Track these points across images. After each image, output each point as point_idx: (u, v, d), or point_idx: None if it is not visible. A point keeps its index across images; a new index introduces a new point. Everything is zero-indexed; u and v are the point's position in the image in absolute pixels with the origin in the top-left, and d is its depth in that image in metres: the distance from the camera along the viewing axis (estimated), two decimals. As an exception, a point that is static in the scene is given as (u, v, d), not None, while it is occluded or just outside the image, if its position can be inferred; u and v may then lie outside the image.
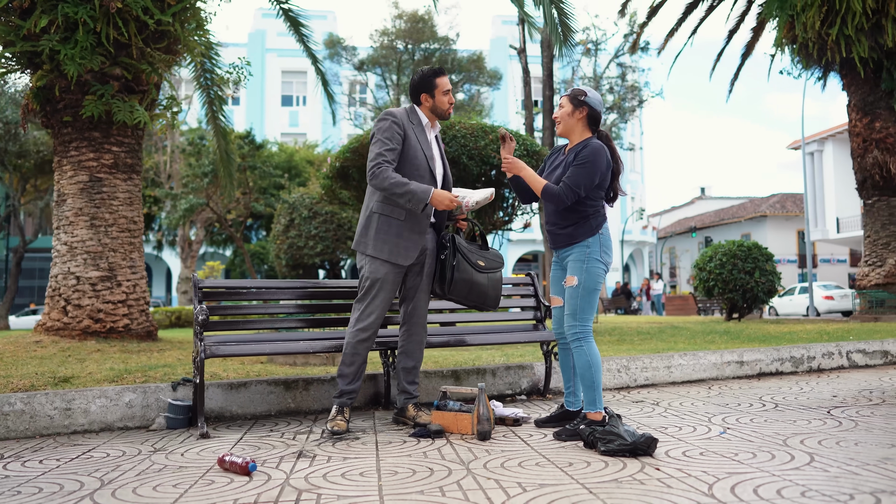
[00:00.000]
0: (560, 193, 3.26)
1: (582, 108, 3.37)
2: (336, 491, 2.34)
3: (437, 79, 3.52)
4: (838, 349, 5.86)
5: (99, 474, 2.70)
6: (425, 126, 3.56)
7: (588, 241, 3.32)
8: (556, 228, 3.43)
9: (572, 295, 3.29)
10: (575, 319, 3.27)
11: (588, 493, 2.23)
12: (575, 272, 3.30)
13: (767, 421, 3.48)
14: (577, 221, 3.34)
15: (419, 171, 3.42)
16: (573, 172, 3.26)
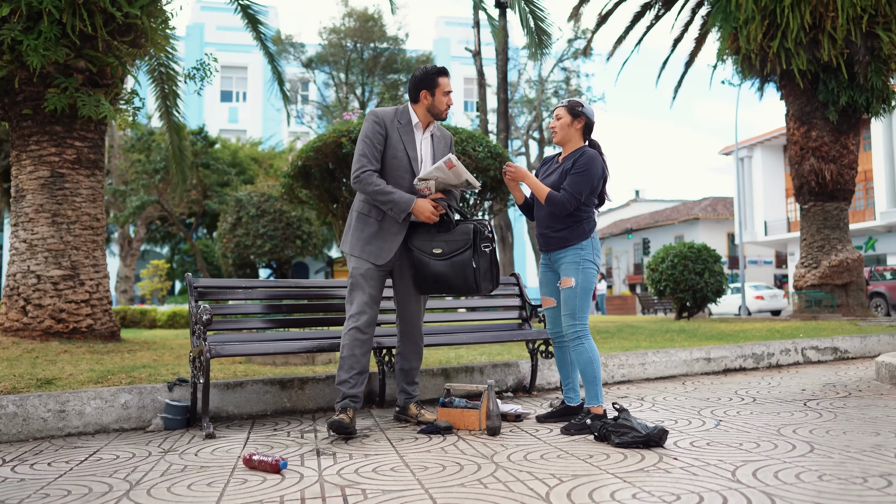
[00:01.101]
0: (563, 200, 3.40)
1: (580, 118, 3.52)
2: (377, 485, 2.39)
3: (441, 78, 3.51)
4: (794, 346, 6.21)
5: (121, 475, 2.66)
6: (414, 126, 3.51)
7: (581, 244, 3.46)
8: (549, 232, 3.54)
9: (570, 296, 3.42)
10: (574, 319, 3.40)
11: (622, 482, 2.34)
12: (571, 274, 3.43)
13: (753, 413, 3.69)
14: (571, 225, 3.47)
15: (400, 171, 3.41)
16: (573, 180, 3.40)
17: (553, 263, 3.58)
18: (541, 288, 3.71)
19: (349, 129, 9.00)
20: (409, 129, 3.50)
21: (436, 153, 3.58)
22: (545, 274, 3.66)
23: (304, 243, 18.65)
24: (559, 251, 3.50)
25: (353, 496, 2.26)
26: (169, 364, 5.05)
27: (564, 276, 3.45)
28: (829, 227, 12.42)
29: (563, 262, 3.47)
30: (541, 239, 3.62)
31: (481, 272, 3.35)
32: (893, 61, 11.68)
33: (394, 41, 22.61)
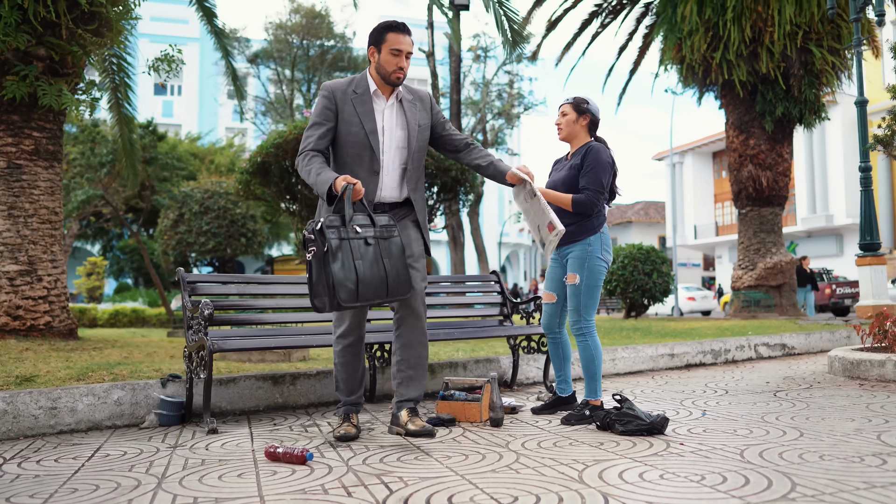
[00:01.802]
0: (588, 200, 3.46)
1: (585, 115, 3.61)
2: (411, 473, 2.45)
3: (390, 33, 3.05)
4: (748, 342, 6.56)
5: (141, 470, 2.64)
6: (373, 93, 3.12)
7: (590, 239, 3.51)
8: None
9: (574, 292, 3.52)
10: (578, 315, 3.52)
11: (643, 465, 2.48)
12: (576, 270, 3.51)
13: (731, 404, 3.92)
14: (579, 220, 3.51)
15: (355, 148, 3.07)
16: (590, 176, 3.46)
17: (562, 258, 3.62)
18: (546, 282, 3.78)
19: (311, 127, 8.95)
20: (365, 99, 3.10)
21: (409, 122, 3.17)
22: (553, 269, 3.70)
23: (249, 241, 18.30)
24: (568, 246, 3.53)
25: (393, 483, 2.33)
26: (144, 361, 4.95)
27: (570, 271, 3.51)
28: (764, 231, 13.06)
29: (571, 258, 3.52)
30: None
31: (309, 285, 2.84)
32: (825, 75, 12.39)
33: (341, 39, 22.48)
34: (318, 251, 2.77)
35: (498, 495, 2.14)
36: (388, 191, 3.16)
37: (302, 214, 9.96)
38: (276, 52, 21.93)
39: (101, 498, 2.25)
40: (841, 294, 21.89)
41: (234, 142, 28.48)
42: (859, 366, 4.83)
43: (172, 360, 5.10)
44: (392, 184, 3.17)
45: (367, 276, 2.79)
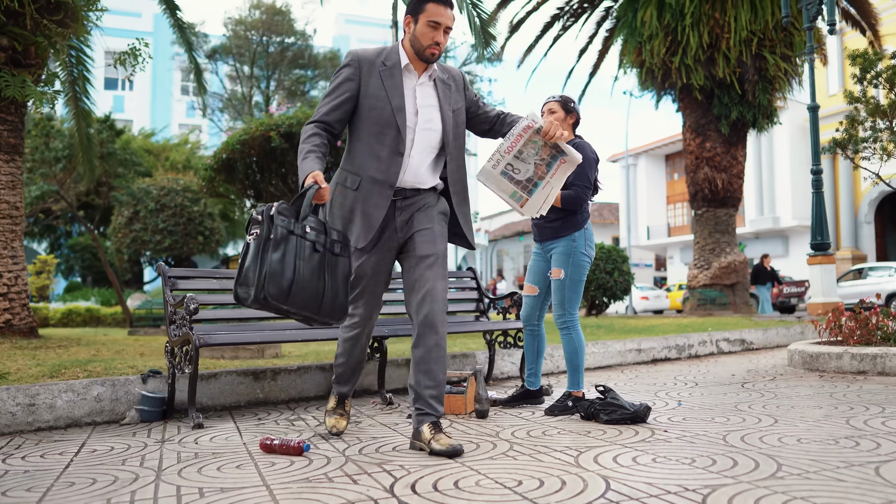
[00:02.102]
0: (577, 196, 3.54)
1: (572, 114, 3.68)
2: (412, 462, 2.49)
3: (429, 3, 2.74)
4: (710, 338, 6.77)
5: (135, 464, 2.62)
6: (404, 67, 2.81)
7: (574, 235, 3.59)
8: (543, 222, 3.66)
9: (559, 287, 3.61)
10: (563, 309, 3.60)
11: (634, 450, 2.58)
12: (561, 265, 3.60)
13: (703, 395, 4.06)
14: (565, 216, 3.60)
15: (378, 125, 2.76)
16: (578, 172, 3.53)
17: (545, 253, 3.71)
18: (528, 275, 3.85)
19: (278, 123, 8.90)
20: (395, 73, 2.79)
21: (443, 104, 2.85)
22: (536, 262, 3.79)
23: (207, 239, 18.02)
24: (552, 241, 3.62)
25: (395, 470, 2.37)
26: (115, 359, 4.86)
27: (555, 266, 3.59)
28: (719, 232, 13.46)
29: (555, 253, 3.60)
30: (535, 229, 3.74)
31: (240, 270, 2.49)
32: (777, 81, 12.83)
33: (302, 36, 22.28)
34: (260, 235, 2.47)
35: (502, 479, 2.20)
36: (412, 175, 2.82)
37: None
38: (235, 48, 21.63)
39: (102, 491, 2.24)
40: (788, 293, 22.65)
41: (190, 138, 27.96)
42: (818, 358, 5.05)
43: (144, 358, 5.02)
44: (418, 168, 2.83)
45: (304, 280, 2.48)
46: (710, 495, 1.95)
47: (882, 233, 30.17)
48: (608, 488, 2.06)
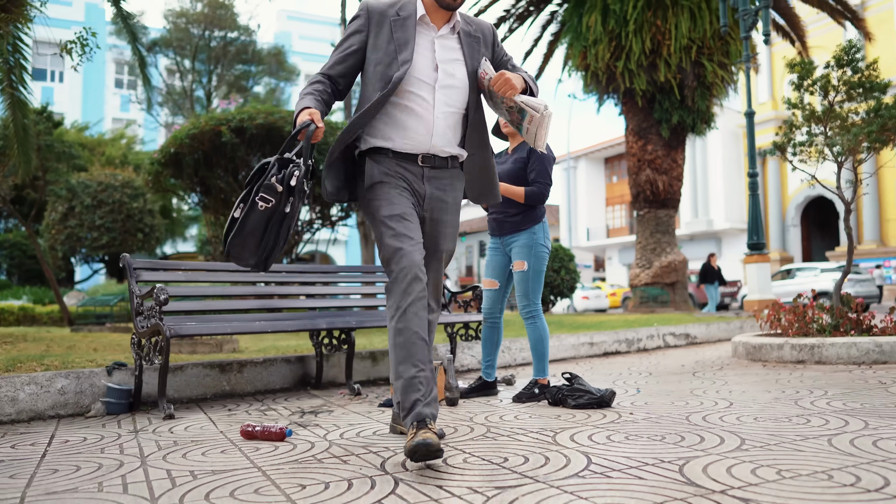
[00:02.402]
0: (540, 192, 3.68)
1: None
2: (396, 443, 2.56)
3: None
4: (657, 332, 7.04)
5: (114, 451, 2.61)
6: (419, 19, 2.52)
7: (534, 228, 3.74)
8: (503, 217, 3.78)
9: (523, 278, 3.73)
10: (528, 300, 3.73)
11: (607, 429, 2.71)
12: (524, 257, 3.73)
13: (658, 383, 4.25)
14: (525, 210, 3.74)
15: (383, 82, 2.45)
16: (540, 168, 3.67)
17: (504, 247, 3.83)
18: (486, 269, 3.95)
19: (228, 118, 8.79)
20: (408, 24, 2.50)
21: (468, 59, 2.56)
22: (494, 257, 3.90)
23: (147, 237, 17.55)
24: (512, 235, 3.75)
25: (382, 451, 2.43)
26: (70, 354, 4.75)
27: (517, 259, 3.71)
28: (660, 232, 13.91)
29: (516, 246, 3.73)
30: (493, 223, 3.84)
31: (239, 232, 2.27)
32: (715, 87, 13.35)
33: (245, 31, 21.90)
34: (276, 208, 2.25)
35: (488, 457, 2.30)
36: (438, 139, 2.51)
37: (217, 209, 9.75)
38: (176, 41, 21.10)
39: (90, 476, 2.23)
40: (722, 293, 23.74)
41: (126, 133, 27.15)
42: (761, 349, 5.33)
43: (98, 353, 4.92)
44: (442, 132, 2.52)
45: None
46: (686, 465, 2.09)
47: (808, 236, 31.67)
48: (590, 462, 2.18)
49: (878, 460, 2.06)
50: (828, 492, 1.76)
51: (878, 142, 5.37)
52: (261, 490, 1.98)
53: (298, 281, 4.53)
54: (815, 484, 1.84)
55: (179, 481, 2.11)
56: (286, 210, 2.27)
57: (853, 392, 3.49)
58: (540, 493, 1.84)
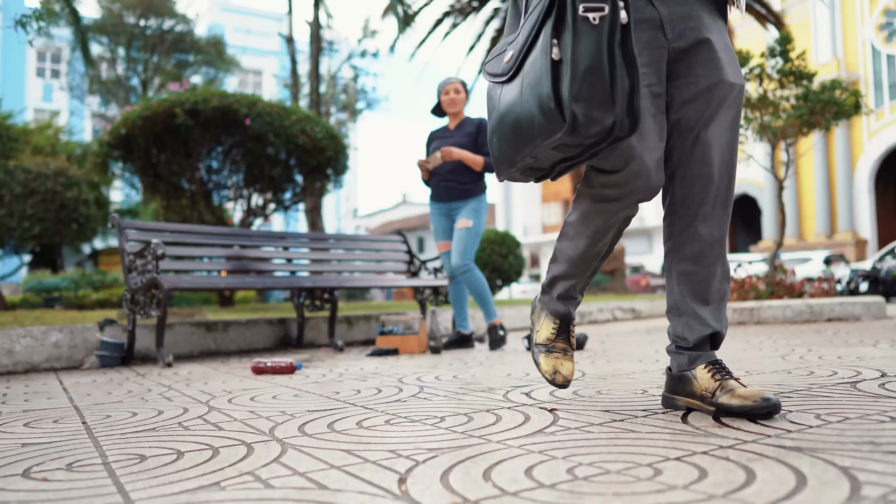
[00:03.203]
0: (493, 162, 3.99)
1: (466, 94, 4.26)
2: (402, 370, 2.80)
3: None
4: (606, 306, 7.46)
5: (134, 385, 2.74)
6: None
7: (481, 196, 4.15)
8: (455, 184, 4.10)
9: (466, 236, 4.01)
10: (464, 258, 3.99)
11: (589, 361, 3.02)
12: (471, 217, 4.05)
13: (619, 340, 4.61)
14: (475, 180, 4.12)
15: None
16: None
17: (451, 212, 4.15)
18: (436, 234, 4.23)
19: (182, 100, 8.76)
20: None
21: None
22: (441, 220, 4.19)
23: (82, 227, 17.02)
24: (461, 201, 4.09)
25: (396, 374, 2.66)
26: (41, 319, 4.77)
27: (464, 217, 4.03)
28: (599, 221, 14.48)
29: (464, 209, 4.07)
30: (443, 190, 4.13)
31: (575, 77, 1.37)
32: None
33: (183, 20, 21.46)
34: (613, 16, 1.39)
35: (488, 381, 2.56)
36: None
37: (168, 193, 9.67)
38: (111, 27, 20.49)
39: (127, 397, 2.38)
40: (654, 285, 24.84)
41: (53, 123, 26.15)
42: (705, 314, 5.78)
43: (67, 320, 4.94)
44: None
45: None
46: (669, 372, 2.40)
47: (733, 232, 33.26)
48: (585, 374, 2.47)
49: (824, 365, 2.43)
50: (786, 377, 2.11)
51: (807, 125, 5.90)
52: (301, 396, 2.19)
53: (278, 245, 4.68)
54: (775, 378, 2.18)
55: (216, 395, 2.29)
56: (622, 20, 1.40)
57: (793, 335, 3.92)
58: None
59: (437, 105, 4.23)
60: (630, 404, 1.75)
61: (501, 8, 16.35)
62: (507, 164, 1.60)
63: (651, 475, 1.06)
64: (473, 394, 2.07)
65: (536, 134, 1.44)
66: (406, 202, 66.25)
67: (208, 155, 9.55)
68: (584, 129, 1.38)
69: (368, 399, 2.05)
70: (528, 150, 1.50)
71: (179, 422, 1.78)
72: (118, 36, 20.82)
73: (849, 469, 1.04)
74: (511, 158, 1.58)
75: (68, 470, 1.29)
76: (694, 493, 0.96)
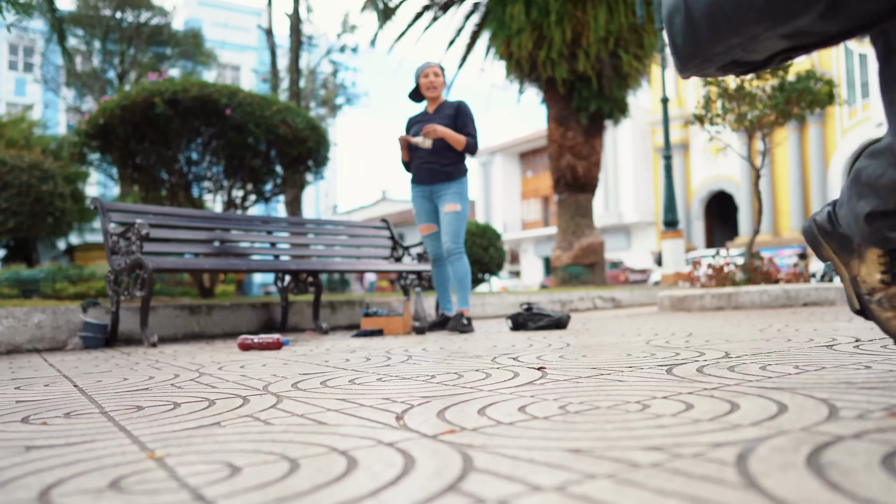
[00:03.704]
0: (475, 142, 4.05)
1: (444, 79, 4.26)
2: (389, 346, 2.83)
3: None
4: (587, 295, 7.54)
5: (122, 362, 2.74)
6: None
7: (464, 178, 4.14)
8: (437, 166, 4.09)
9: (456, 219, 4.02)
10: (454, 241, 4.01)
11: (574, 336, 3.07)
12: (457, 201, 4.05)
13: (602, 322, 4.67)
14: (456, 161, 4.11)
15: None
16: (471, 126, 4.05)
17: (433, 194, 4.14)
18: (419, 217, 4.22)
19: (161, 89, 8.69)
20: None
21: None
22: (424, 203, 4.18)
23: (58, 221, 16.82)
24: (443, 183, 4.08)
25: (382, 350, 2.69)
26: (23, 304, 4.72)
27: (450, 202, 4.03)
28: (579, 215, 14.60)
29: (448, 193, 4.06)
30: (425, 173, 4.11)
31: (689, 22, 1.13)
32: (631, 78, 14.14)
33: (160, 12, 21.23)
34: None
35: (474, 350, 2.60)
36: None
37: (147, 184, 9.59)
38: (87, 18, 20.22)
39: (118, 372, 2.38)
40: (633, 280, 25.09)
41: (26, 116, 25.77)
42: (684, 300, 5.88)
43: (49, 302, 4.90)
44: None
45: None
46: (651, 340, 2.46)
47: (710, 228, 33.65)
48: (569, 344, 2.52)
49: (801, 335, 2.50)
50: (765, 344, 2.17)
51: (783, 114, 6.01)
52: (290, 364, 2.21)
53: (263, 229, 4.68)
54: (754, 344, 2.24)
55: (205, 365, 2.31)
56: None
57: (770, 317, 4.00)
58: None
59: (416, 89, 4.23)
60: (616, 363, 1.80)
61: (481, 3, 16.40)
62: (700, 58, 1.16)
63: (640, 409, 1.10)
64: (462, 359, 2.10)
65: (762, 16, 1.01)
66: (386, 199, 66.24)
67: (188, 146, 9.48)
68: (855, 6, 0.95)
69: (358, 365, 2.08)
70: (742, 40, 1.07)
71: (172, 383, 1.80)
72: (94, 28, 20.55)
73: (827, 400, 1.09)
74: (708, 50, 1.13)
75: (67, 417, 1.31)
76: (681, 419, 1.00)
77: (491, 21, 14.76)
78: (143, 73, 21.13)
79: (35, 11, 11.06)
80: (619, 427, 0.96)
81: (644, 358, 1.89)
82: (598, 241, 14.35)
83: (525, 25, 13.65)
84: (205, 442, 1.00)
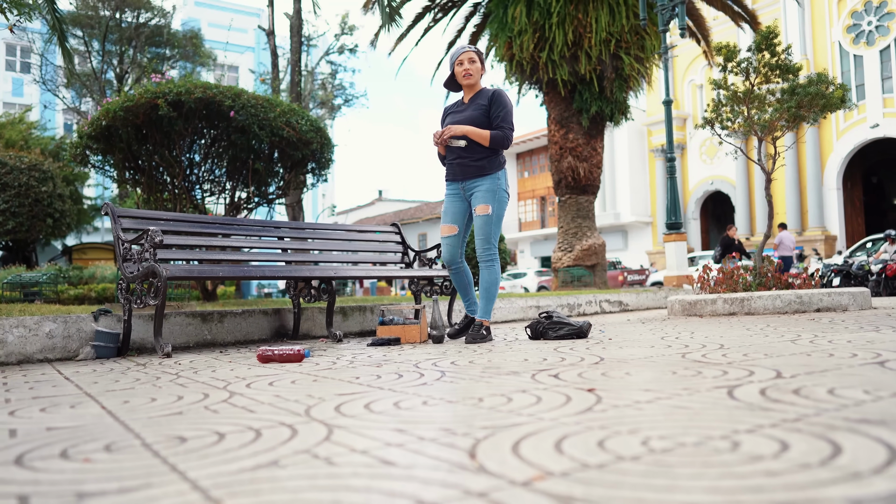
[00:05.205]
0: (504, 136, 3.84)
1: (483, 64, 4.01)
2: (413, 357, 2.76)
3: None
4: (594, 298, 7.48)
5: (138, 375, 2.67)
6: None
7: (498, 173, 3.89)
8: (468, 161, 3.87)
9: (486, 222, 3.84)
10: (488, 244, 3.88)
11: (600, 346, 3.00)
12: (488, 201, 3.84)
13: (616, 328, 4.61)
14: (489, 155, 3.87)
15: None
16: (504, 115, 3.85)
17: (465, 191, 3.93)
18: (444, 215, 4.02)
19: (165, 91, 8.60)
20: None
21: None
22: (453, 203, 3.98)
23: (57, 222, 16.73)
24: (476, 179, 3.87)
25: (410, 360, 2.62)
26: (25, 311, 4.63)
27: (481, 203, 3.83)
28: (580, 217, 14.54)
29: (479, 191, 3.85)
30: (457, 168, 3.91)
31: None
32: (632, 80, 14.09)
33: (159, 13, 21.10)
34: None
35: (507, 365, 2.53)
36: None
37: (150, 185, 9.49)
38: (87, 19, 20.08)
39: (139, 383, 2.31)
40: (631, 280, 25.02)
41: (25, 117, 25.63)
42: (696, 305, 5.82)
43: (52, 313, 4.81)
44: None
45: None
46: (705, 357, 2.39)
47: (706, 228, 33.67)
48: (603, 358, 2.45)
49: (838, 348, 2.44)
50: (808, 360, 2.11)
51: (795, 117, 5.96)
52: (320, 381, 2.14)
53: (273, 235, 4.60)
54: (797, 360, 2.18)
55: (230, 381, 2.23)
56: None
57: (789, 324, 3.94)
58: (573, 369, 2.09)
59: (451, 77, 3.99)
60: (667, 384, 1.73)
61: (482, 4, 16.33)
62: None
63: (731, 448, 1.04)
64: (499, 377, 2.04)
65: None
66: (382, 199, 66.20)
67: (190, 148, 9.39)
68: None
69: (392, 383, 2.01)
70: None
71: (205, 406, 1.72)
72: (93, 29, 20.43)
73: (928, 437, 1.03)
74: None
75: (108, 452, 1.24)
76: (786, 463, 0.94)
77: (492, 22, 14.70)
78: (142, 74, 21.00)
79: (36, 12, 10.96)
80: (724, 475, 0.89)
81: (692, 377, 1.83)
82: (600, 243, 14.30)
83: (526, 27, 13.60)
84: (273, 490, 0.93)
